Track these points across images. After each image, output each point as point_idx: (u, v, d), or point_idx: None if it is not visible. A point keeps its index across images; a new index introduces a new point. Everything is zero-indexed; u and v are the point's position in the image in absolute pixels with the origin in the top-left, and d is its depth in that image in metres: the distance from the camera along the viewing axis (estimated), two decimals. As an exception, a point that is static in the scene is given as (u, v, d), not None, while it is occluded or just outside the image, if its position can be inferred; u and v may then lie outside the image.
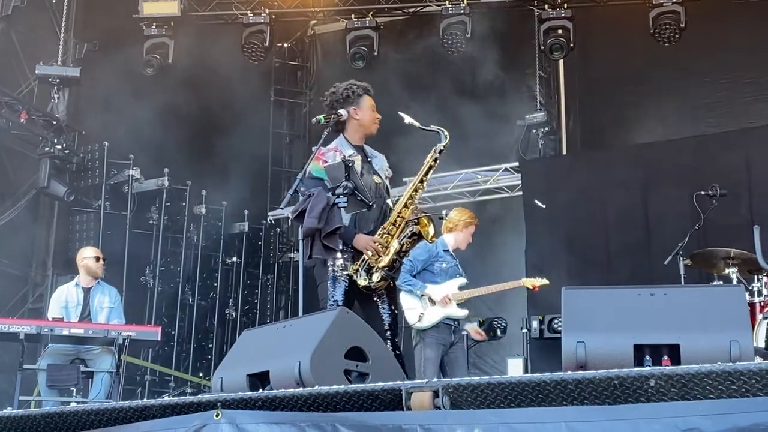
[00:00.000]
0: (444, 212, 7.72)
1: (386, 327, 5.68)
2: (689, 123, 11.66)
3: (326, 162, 5.77)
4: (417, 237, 5.77)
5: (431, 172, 5.85)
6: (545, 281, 8.04)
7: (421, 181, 5.83)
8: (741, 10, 11.24)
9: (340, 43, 12.55)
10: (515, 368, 10.28)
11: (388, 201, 6.02)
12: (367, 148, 6.18)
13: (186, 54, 11.98)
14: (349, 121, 6.04)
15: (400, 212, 5.77)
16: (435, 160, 5.81)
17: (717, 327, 4.06)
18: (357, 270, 5.63)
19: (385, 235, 5.70)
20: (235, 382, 4.55)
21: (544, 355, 10.08)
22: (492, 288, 7.87)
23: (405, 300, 7.39)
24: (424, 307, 7.38)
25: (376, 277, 5.62)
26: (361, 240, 5.68)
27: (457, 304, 7.47)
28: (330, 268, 5.66)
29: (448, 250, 7.63)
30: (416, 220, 5.75)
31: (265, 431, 3.71)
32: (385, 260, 5.63)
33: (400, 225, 5.74)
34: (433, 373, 7.20)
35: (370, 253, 5.64)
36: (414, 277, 7.43)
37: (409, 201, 5.80)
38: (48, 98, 11.48)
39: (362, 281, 5.60)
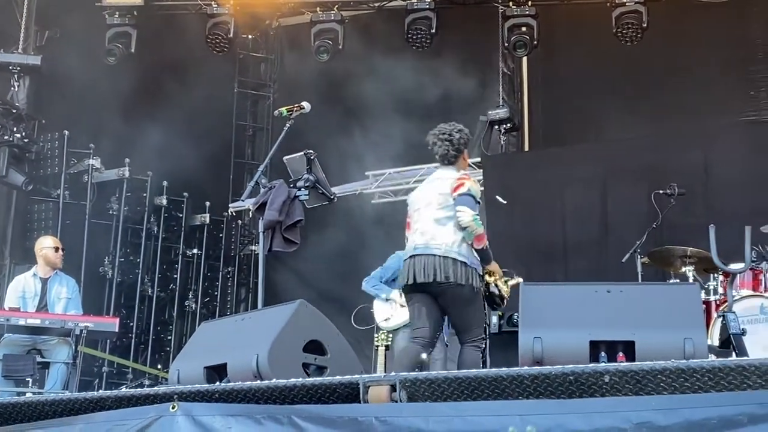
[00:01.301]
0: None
1: None
2: (649, 122, 11.76)
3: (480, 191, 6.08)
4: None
5: None
6: (519, 279, 8.07)
7: None
8: (702, 11, 11.36)
9: (305, 36, 12.49)
10: (476, 364, 10.31)
11: None
12: None
13: (149, 44, 11.88)
14: (460, 161, 6.17)
15: None
16: None
17: (672, 324, 4.13)
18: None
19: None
20: (192, 375, 4.54)
21: (503, 350, 10.12)
22: None
23: (376, 303, 7.78)
24: (393, 309, 7.54)
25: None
26: (495, 265, 6.02)
27: None
28: (481, 290, 5.80)
29: None
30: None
31: (221, 423, 3.72)
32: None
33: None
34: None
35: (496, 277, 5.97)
36: (384, 284, 7.75)
37: None
38: (8, 86, 11.32)
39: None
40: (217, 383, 4.32)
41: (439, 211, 5.88)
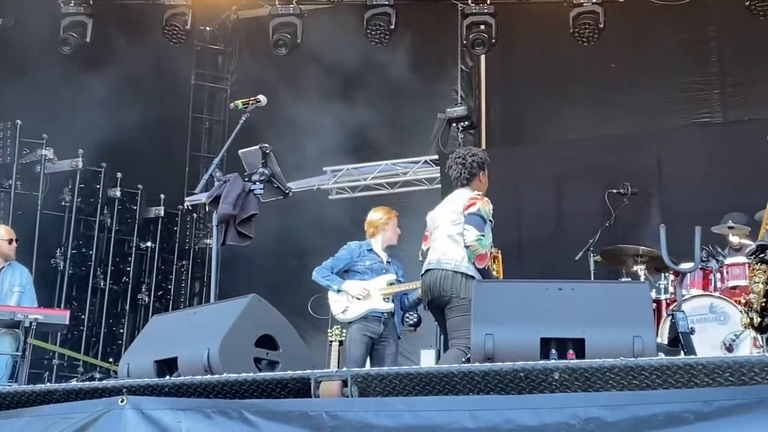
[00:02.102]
0: None
1: None
2: (605, 122, 11.87)
3: (491, 211, 6.37)
4: None
5: None
6: None
7: None
8: (659, 13, 11.49)
9: (263, 29, 12.44)
10: (428, 359, 10.34)
11: None
12: None
13: (104, 33, 11.74)
14: (476, 181, 6.53)
15: None
16: None
17: (621, 323, 4.17)
18: None
19: None
20: (142, 368, 4.50)
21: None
22: (419, 283, 7.88)
23: (330, 294, 7.68)
24: (350, 300, 7.52)
25: None
26: None
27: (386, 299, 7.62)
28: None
29: (371, 250, 7.83)
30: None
31: (170, 417, 3.70)
32: None
33: None
34: (358, 357, 7.41)
35: None
36: (336, 275, 7.69)
37: None
38: (-41, 75, 11.15)
39: None
40: (167, 377, 4.29)
41: (452, 227, 6.36)
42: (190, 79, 13.84)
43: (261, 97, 6.01)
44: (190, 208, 13.23)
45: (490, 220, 6.35)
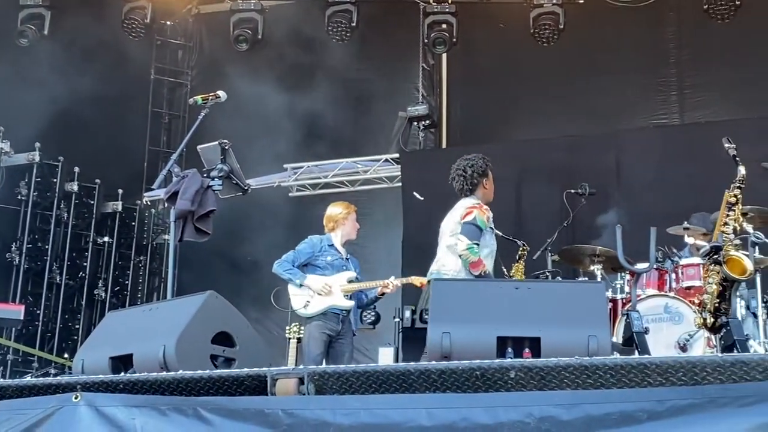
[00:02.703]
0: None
1: None
2: (565, 122, 11.95)
3: (489, 219, 6.49)
4: None
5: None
6: None
7: None
8: (618, 15, 11.61)
9: (224, 25, 12.37)
10: (386, 357, 10.35)
11: None
12: None
13: (63, 26, 11.61)
14: (480, 188, 6.72)
15: None
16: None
17: (577, 322, 4.20)
18: None
19: None
20: (97, 365, 4.46)
21: (415, 345, 10.17)
22: (380, 283, 7.89)
23: (291, 288, 7.60)
24: (311, 295, 7.48)
25: None
26: None
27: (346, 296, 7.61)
28: None
29: (333, 245, 7.80)
30: None
31: (124, 414, 3.66)
32: None
33: None
34: (317, 354, 7.39)
35: None
36: (297, 268, 7.62)
37: None
38: None
39: None
40: (122, 374, 4.26)
41: (451, 238, 6.54)
42: (150, 74, 13.73)
43: (221, 92, 5.98)
44: (148, 203, 13.14)
45: (490, 228, 6.50)
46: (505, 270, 7.94)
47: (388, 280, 7.83)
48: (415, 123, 12.37)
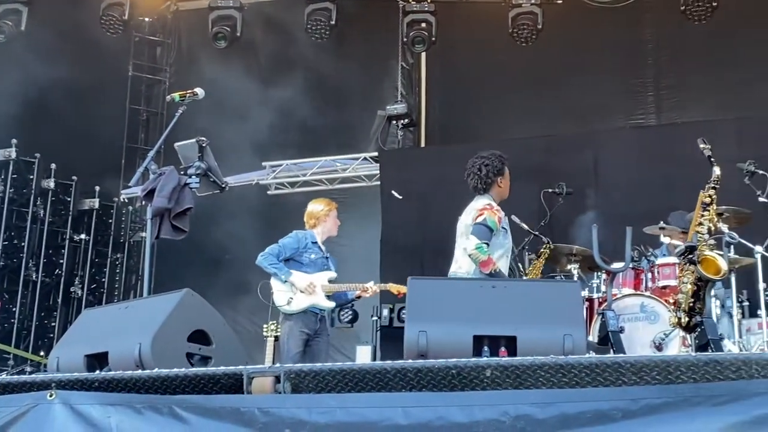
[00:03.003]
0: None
1: None
2: (543, 122, 11.99)
3: (501, 219, 6.50)
4: None
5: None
6: None
7: None
8: (596, 15, 11.66)
9: (203, 22, 12.33)
10: (364, 355, 10.38)
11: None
12: None
13: (41, 22, 11.54)
14: (494, 187, 6.71)
15: None
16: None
17: (553, 321, 4.22)
18: None
19: None
20: (72, 362, 4.44)
21: (393, 343, 10.20)
22: (359, 286, 7.89)
23: (275, 283, 7.54)
24: (294, 292, 7.45)
25: None
26: None
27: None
28: None
29: (316, 242, 7.78)
30: None
31: (99, 412, 3.65)
32: None
33: None
34: (296, 353, 7.36)
35: None
36: (281, 262, 7.56)
37: None
38: None
39: None
40: (98, 372, 4.24)
41: (463, 240, 6.59)
42: (128, 70, 13.66)
43: (198, 90, 5.95)
44: (125, 200, 13.09)
45: (503, 228, 6.53)
46: (521, 268, 7.97)
47: (367, 284, 7.83)
48: (394, 122, 12.38)
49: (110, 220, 12.94)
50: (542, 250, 7.98)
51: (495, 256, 6.39)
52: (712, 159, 6.11)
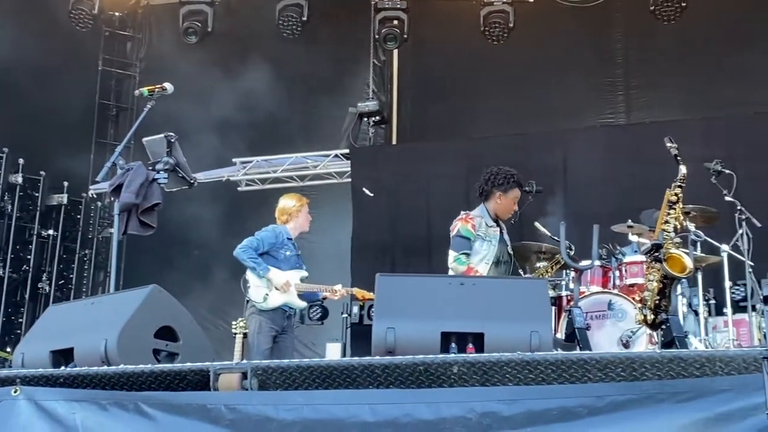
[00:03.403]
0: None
1: None
2: (513, 120, 12.04)
3: (475, 226, 6.55)
4: None
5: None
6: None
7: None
8: (567, 14, 11.72)
9: (173, 17, 12.26)
10: (333, 352, 10.36)
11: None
12: (501, 222, 6.93)
13: (9, 16, 11.41)
14: (492, 199, 6.79)
15: None
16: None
17: (520, 318, 4.23)
18: None
19: None
20: (38, 358, 4.40)
21: (363, 340, 10.19)
22: (328, 288, 7.88)
23: (252, 277, 7.49)
24: (270, 288, 7.43)
25: None
26: None
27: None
28: None
29: (291, 239, 7.76)
30: None
31: (64, 408, 3.63)
32: None
33: None
34: (266, 350, 7.34)
35: None
36: (259, 256, 7.51)
37: None
38: None
39: None
40: (63, 368, 4.21)
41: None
42: (98, 65, 13.56)
43: (167, 84, 5.92)
44: (94, 196, 12.99)
45: (479, 235, 6.59)
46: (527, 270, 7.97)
47: (335, 286, 7.83)
48: (366, 119, 12.37)
49: (79, 216, 12.85)
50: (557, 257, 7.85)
51: (473, 263, 6.44)
52: (679, 158, 6.16)
